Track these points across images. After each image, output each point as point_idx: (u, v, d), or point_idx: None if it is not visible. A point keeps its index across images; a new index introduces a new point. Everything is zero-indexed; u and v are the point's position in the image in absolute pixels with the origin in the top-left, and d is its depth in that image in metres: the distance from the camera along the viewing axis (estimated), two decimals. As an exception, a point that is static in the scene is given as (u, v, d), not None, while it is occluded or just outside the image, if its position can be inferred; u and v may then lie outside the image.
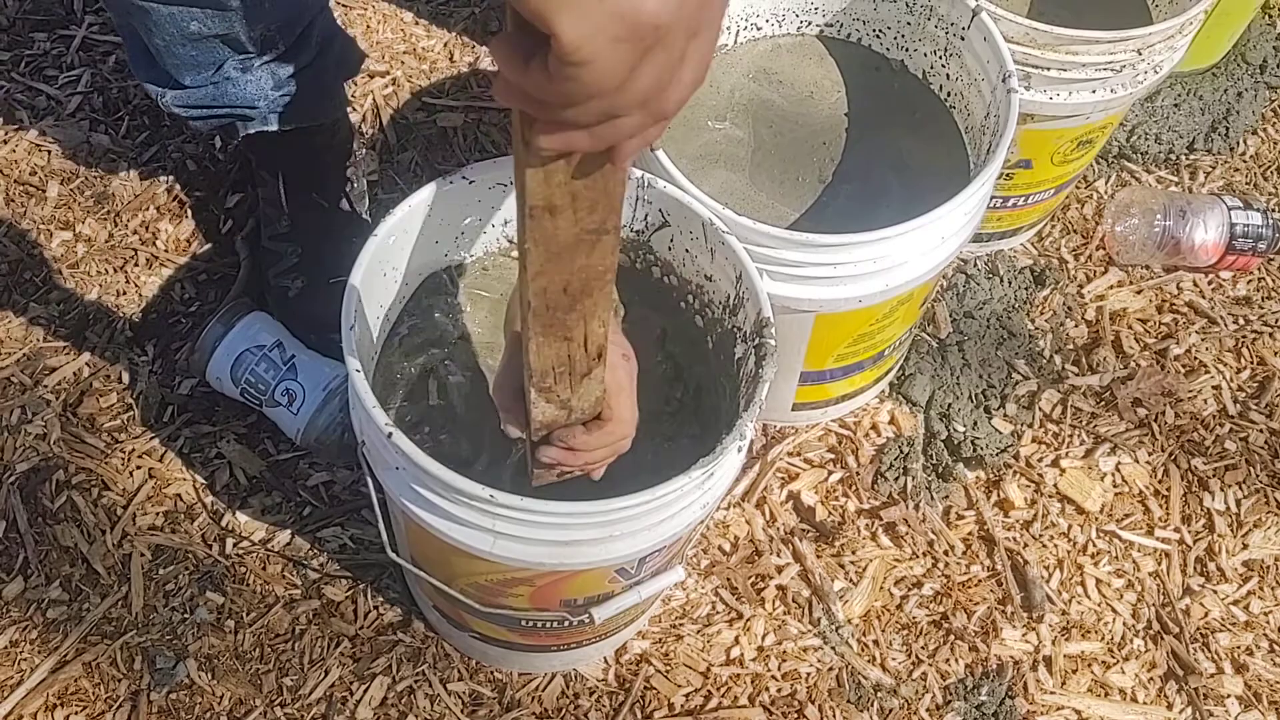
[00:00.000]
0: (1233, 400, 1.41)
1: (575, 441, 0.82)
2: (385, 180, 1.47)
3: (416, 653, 1.20)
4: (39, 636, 1.18)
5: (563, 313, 0.69)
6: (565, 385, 0.76)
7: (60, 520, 1.24)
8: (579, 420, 0.81)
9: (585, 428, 0.82)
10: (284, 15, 1.15)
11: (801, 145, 1.20)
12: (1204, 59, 1.61)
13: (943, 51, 1.20)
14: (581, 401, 0.79)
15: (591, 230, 0.63)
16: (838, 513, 1.30)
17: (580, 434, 0.82)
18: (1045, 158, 1.32)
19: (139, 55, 1.21)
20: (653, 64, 0.53)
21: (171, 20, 1.11)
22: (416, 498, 0.89)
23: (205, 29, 1.12)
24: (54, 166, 1.46)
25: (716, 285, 1.03)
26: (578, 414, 0.81)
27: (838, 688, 1.21)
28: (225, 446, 1.28)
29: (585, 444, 0.83)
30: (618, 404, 0.82)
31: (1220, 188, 1.58)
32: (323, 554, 1.24)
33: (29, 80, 1.53)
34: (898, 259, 1.04)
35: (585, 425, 0.82)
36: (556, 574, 0.93)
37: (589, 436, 0.82)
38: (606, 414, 0.82)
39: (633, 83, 0.54)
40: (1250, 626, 1.28)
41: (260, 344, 1.24)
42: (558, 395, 0.77)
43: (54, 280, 1.38)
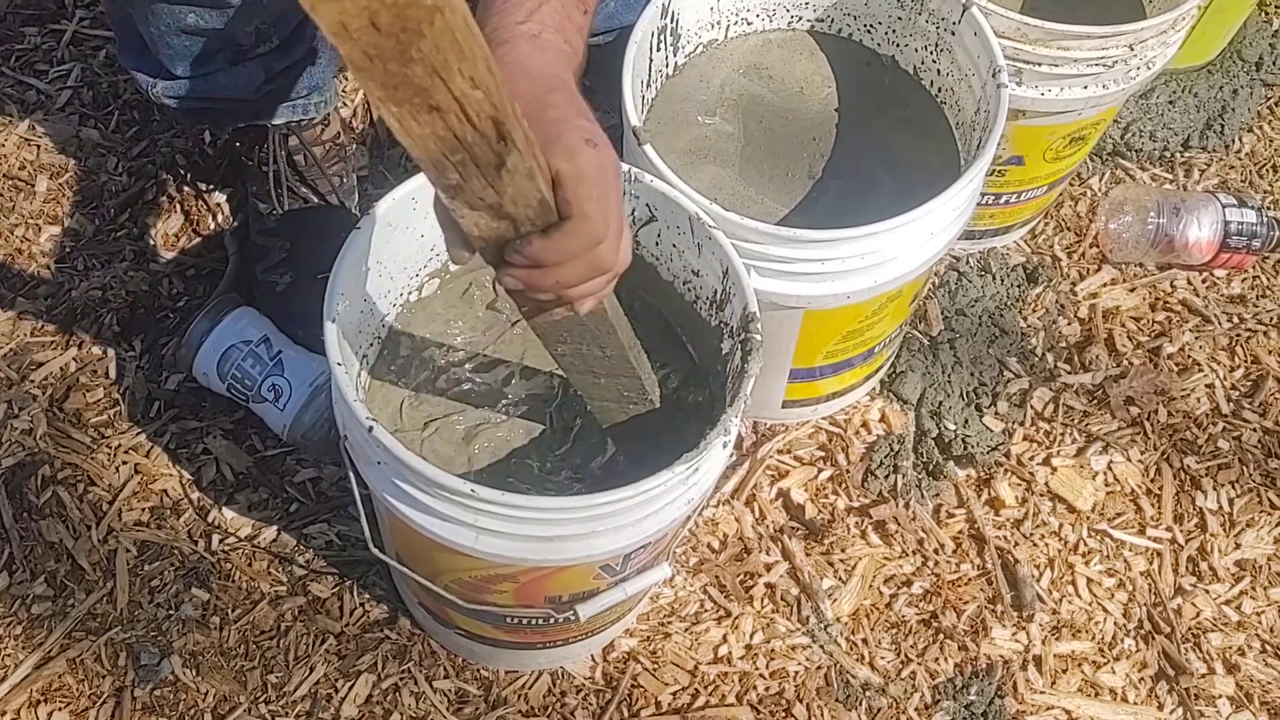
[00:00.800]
0: (1226, 399, 1.41)
1: (531, 252, 0.67)
2: (375, 175, 1.46)
3: (402, 650, 1.19)
4: (23, 632, 1.18)
5: (396, 64, 0.51)
6: (478, 181, 0.61)
7: (45, 516, 1.23)
8: (530, 228, 0.67)
9: (543, 233, 0.67)
10: (279, 10, 1.15)
11: (792, 140, 1.19)
12: (1200, 55, 1.60)
13: (933, 47, 1.19)
14: (519, 206, 0.64)
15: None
16: (827, 511, 1.30)
17: (536, 241, 0.67)
18: (1037, 154, 1.31)
19: (129, 44, 1.20)
20: None
21: (169, 13, 1.10)
22: (399, 493, 0.89)
23: (202, 23, 1.12)
24: (43, 161, 1.46)
25: (704, 280, 1.02)
26: (526, 223, 0.66)
27: (826, 686, 1.21)
28: (212, 442, 1.28)
29: (544, 254, 0.67)
30: (575, 195, 0.66)
31: (1215, 185, 1.58)
32: (309, 550, 1.23)
33: (19, 74, 1.52)
34: (886, 255, 1.04)
35: (543, 231, 0.67)
36: (540, 570, 0.93)
37: (547, 242, 0.67)
38: (564, 209, 0.66)
39: None
40: (1242, 626, 1.28)
41: (247, 339, 1.24)
42: (479, 197, 0.62)
43: (42, 275, 1.38)
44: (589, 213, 0.67)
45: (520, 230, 0.67)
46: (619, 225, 0.70)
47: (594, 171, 0.67)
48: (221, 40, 1.15)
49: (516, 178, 0.61)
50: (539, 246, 0.67)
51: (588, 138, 0.68)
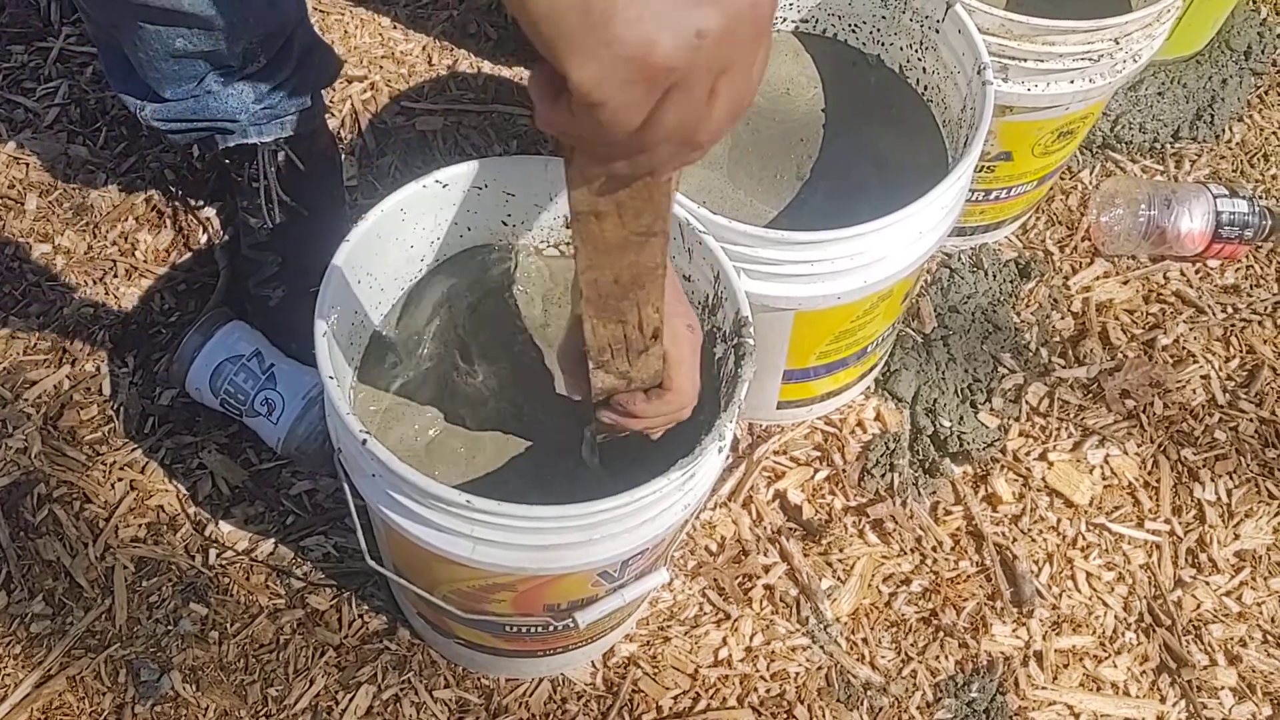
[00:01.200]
0: (1222, 390, 1.41)
1: (635, 409, 0.85)
2: (364, 186, 1.46)
3: (402, 661, 1.19)
4: (22, 651, 1.18)
5: (615, 300, 0.72)
6: (623, 360, 0.80)
7: (42, 534, 1.23)
8: (639, 388, 0.84)
9: (645, 395, 0.84)
10: (266, 30, 1.15)
11: (779, 142, 1.19)
12: (1188, 46, 1.60)
13: (918, 45, 1.19)
14: (640, 373, 0.82)
15: (639, 233, 0.65)
16: (824, 511, 1.30)
17: (640, 401, 0.84)
18: (1026, 149, 1.31)
19: (116, 67, 1.20)
20: (675, 105, 0.52)
21: (157, 37, 1.10)
22: (394, 504, 0.88)
23: (190, 46, 1.12)
24: (32, 179, 1.46)
25: (695, 285, 1.02)
26: (637, 383, 0.83)
27: (827, 687, 1.20)
28: (207, 457, 1.28)
29: (644, 411, 0.85)
30: (678, 375, 0.83)
31: (1206, 176, 1.58)
32: (306, 563, 1.23)
33: (6, 93, 1.52)
34: (876, 255, 1.03)
35: (646, 393, 0.84)
36: (538, 579, 0.93)
37: (648, 405, 0.84)
38: (667, 383, 0.84)
39: (656, 123, 0.53)
40: (1243, 617, 1.27)
41: (239, 354, 1.24)
42: (616, 368, 0.81)
43: (33, 293, 1.38)
44: (684, 388, 0.84)
45: (630, 386, 0.84)
46: (699, 389, 0.86)
47: (691, 354, 0.84)
48: (210, 62, 1.15)
49: (650, 359, 0.80)
50: (642, 407, 0.84)
51: (689, 324, 0.84)
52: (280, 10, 1.17)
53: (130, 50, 1.14)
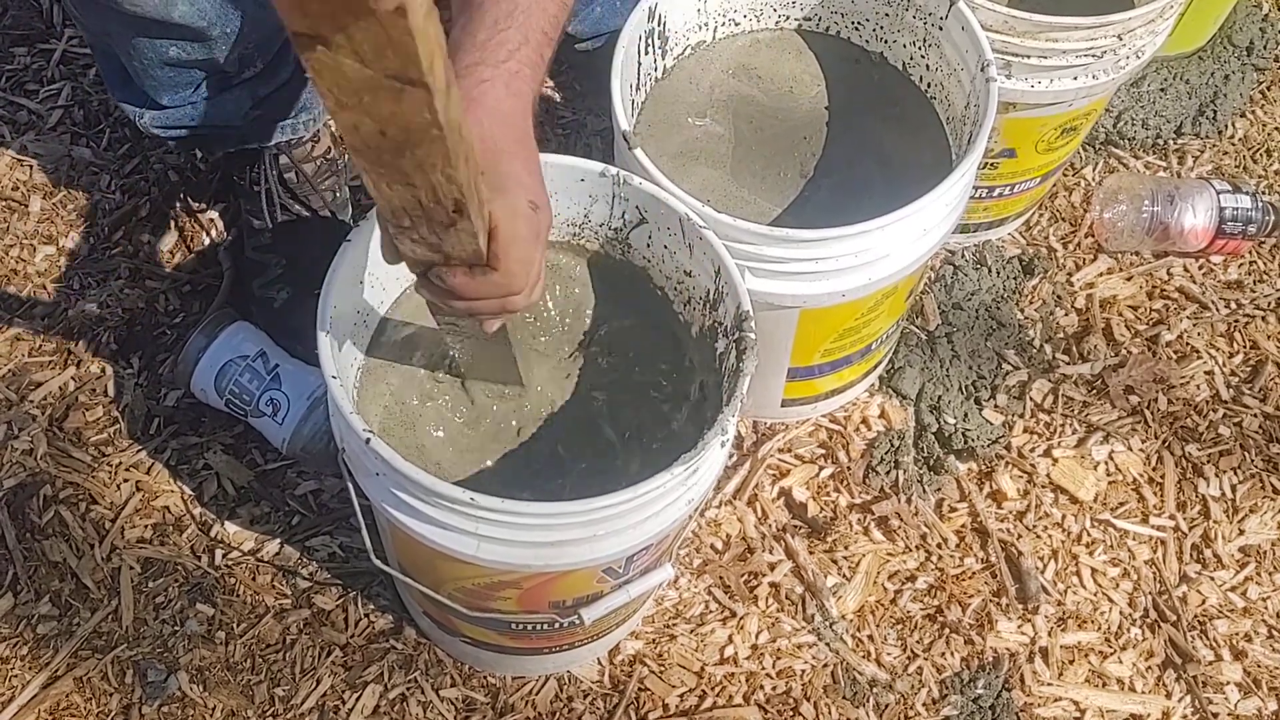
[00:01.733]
0: (1226, 385, 1.41)
1: (454, 282, 0.76)
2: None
3: (408, 660, 1.19)
4: (29, 653, 1.18)
5: (390, 157, 0.60)
6: (427, 230, 0.69)
7: (49, 535, 1.23)
8: (460, 263, 0.74)
9: (468, 271, 0.75)
10: (261, 35, 1.15)
11: (782, 140, 1.19)
12: (1190, 42, 1.60)
13: (921, 42, 1.19)
14: (456, 249, 0.72)
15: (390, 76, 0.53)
16: (829, 508, 1.30)
17: (460, 274, 0.75)
18: (1029, 146, 1.31)
19: (115, 75, 1.21)
20: None
21: (150, 46, 1.10)
22: (398, 503, 0.89)
23: (184, 54, 1.12)
24: (36, 181, 1.46)
25: (696, 281, 1.02)
26: (457, 258, 0.74)
27: (833, 684, 1.20)
28: (212, 457, 1.28)
29: (464, 288, 0.76)
30: (507, 253, 0.74)
31: (1209, 171, 1.57)
32: (312, 563, 1.23)
33: (9, 95, 1.52)
34: (880, 252, 1.03)
35: (469, 268, 0.75)
36: (543, 575, 0.93)
37: (470, 281, 0.75)
38: (494, 261, 0.75)
39: None
40: (1248, 612, 1.27)
41: (243, 354, 1.24)
42: (422, 237, 0.70)
43: (38, 295, 1.38)
44: (513, 270, 0.75)
45: (449, 261, 0.74)
46: (536, 277, 0.78)
47: (527, 233, 0.75)
48: (205, 69, 1.15)
49: (461, 234, 0.70)
50: (461, 282, 0.75)
51: (531, 199, 0.76)
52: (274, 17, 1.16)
53: (126, 59, 1.14)
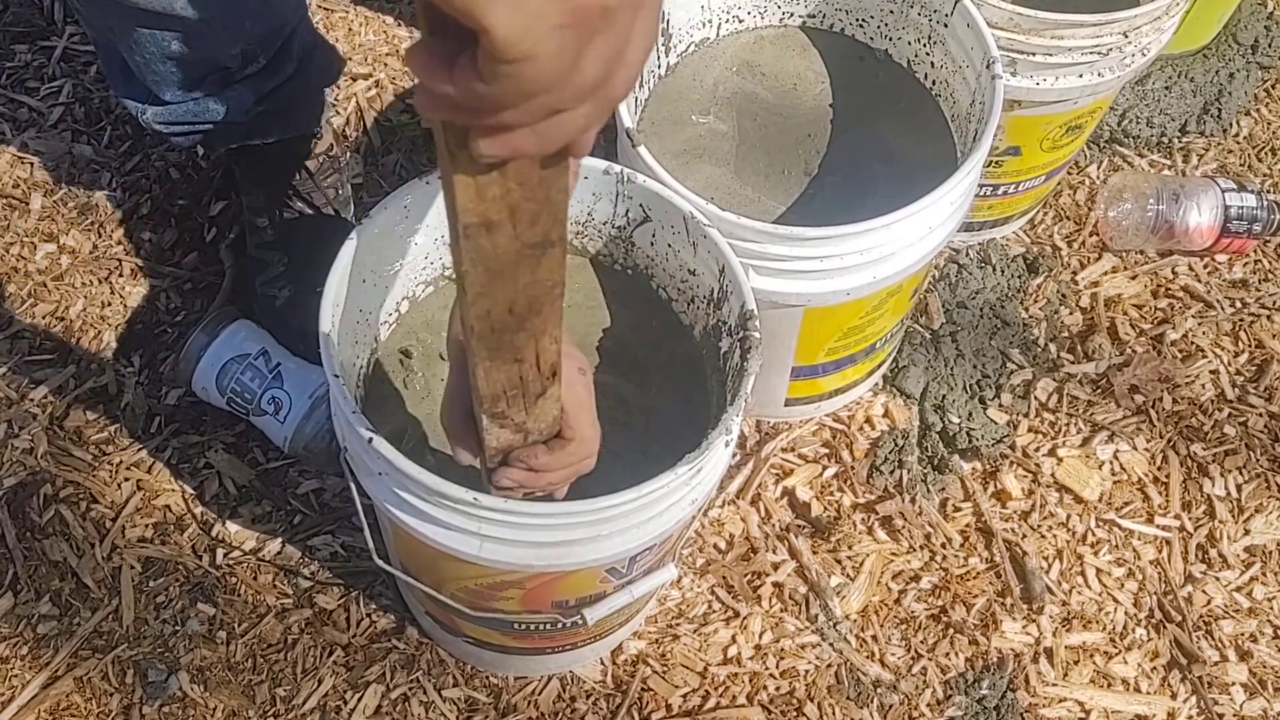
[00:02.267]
0: (1231, 384, 1.40)
1: (536, 463, 0.78)
2: (370, 184, 1.46)
3: (410, 660, 1.19)
4: (29, 652, 1.17)
5: (510, 334, 0.63)
6: (519, 408, 0.72)
7: (49, 534, 1.23)
8: (536, 440, 0.77)
9: (546, 447, 0.78)
10: (264, 30, 1.14)
11: (787, 138, 1.19)
12: (1194, 40, 1.60)
13: (926, 39, 1.18)
14: (538, 423, 0.75)
15: (534, 244, 0.57)
16: (833, 508, 1.29)
17: (542, 454, 0.77)
18: (1034, 144, 1.30)
19: (117, 72, 1.20)
20: (598, 49, 0.47)
21: (152, 40, 1.10)
22: (401, 503, 0.88)
23: (186, 49, 1.11)
24: (37, 178, 1.45)
25: (700, 279, 1.02)
26: (534, 435, 0.76)
27: (837, 685, 1.20)
28: (214, 456, 1.27)
29: (546, 465, 0.78)
30: (578, 421, 0.77)
31: (1214, 170, 1.57)
32: (314, 562, 1.23)
33: (10, 92, 1.52)
34: (885, 250, 1.03)
35: (546, 444, 0.78)
36: (546, 575, 0.92)
37: (550, 457, 0.78)
38: (567, 433, 0.77)
39: (578, 73, 0.47)
40: (1254, 613, 1.27)
41: (245, 352, 1.23)
42: (511, 419, 0.73)
43: (38, 293, 1.37)
44: (586, 435, 0.78)
45: (527, 439, 0.76)
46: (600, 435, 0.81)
47: (586, 398, 0.78)
48: (208, 65, 1.15)
49: (548, 403, 0.72)
50: (544, 460, 0.78)
51: (580, 367, 0.78)
52: (276, 12, 1.16)
53: (128, 54, 1.13)
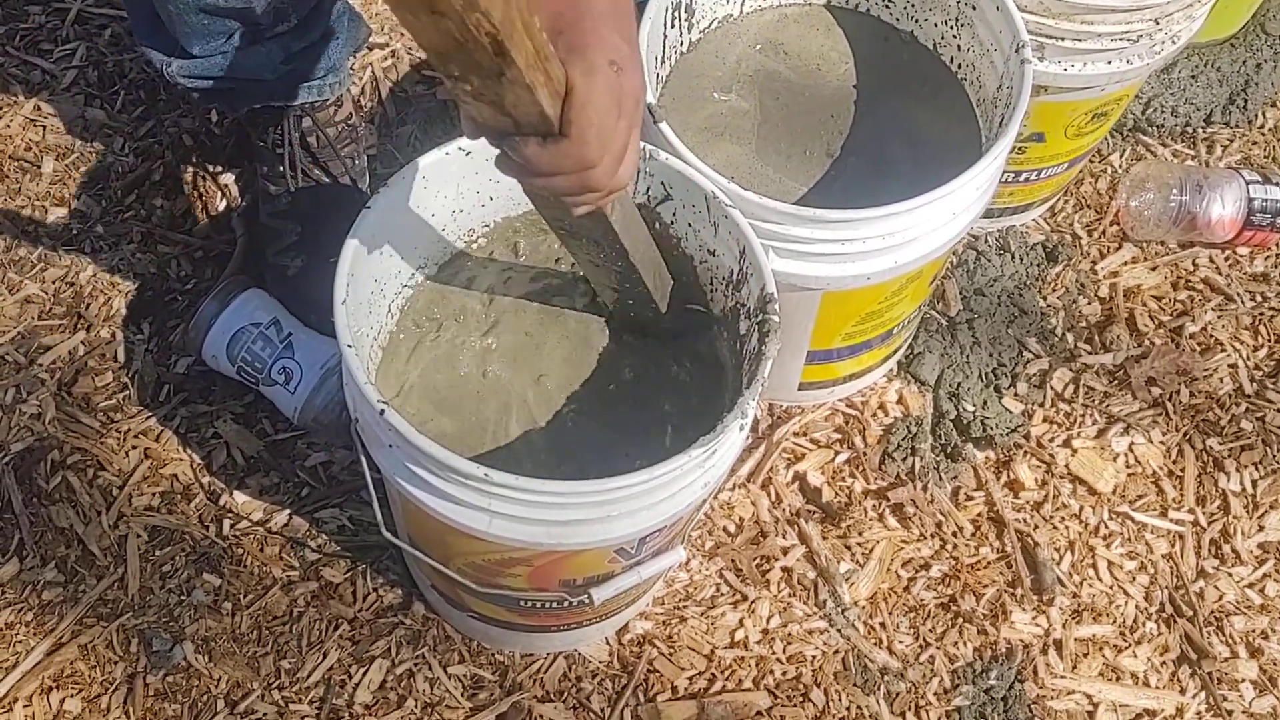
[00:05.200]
0: (1249, 379, 1.39)
1: (524, 153, 0.69)
2: (384, 155, 1.45)
3: (416, 635, 1.18)
4: (34, 619, 1.17)
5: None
6: (478, 80, 0.63)
7: (55, 501, 1.22)
8: (532, 131, 0.68)
9: (540, 141, 0.68)
10: None
11: (809, 118, 1.17)
12: (1222, 30, 1.58)
13: (954, 21, 1.16)
14: (519, 111, 0.65)
15: None
16: (844, 493, 1.28)
17: (531, 145, 0.68)
18: (1059, 131, 1.29)
19: (144, 21, 1.19)
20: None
21: None
22: (411, 476, 0.87)
23: (221, 2, 1.10)
24: (49, 142, 1.44)
25: (720, 260, 1.00)
26: (526, 126, 0.67)
27: (844, 671, 1.19)
28: (222, 426, 1.27)
29: (535, 158, 0.69)
30: (578, 121, 0.66)
31: (1238, 161, 1.55)
32: (321, 535, 1.22)
33: (23, 54, 1.50)
34: (908, 235, 1.02)
35: (542, 138, 0.68)
36: (554, 554, 0.92)
37: (540, 151, 0.68)
38: (565, 129, 0.67)
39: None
40: (1266, 610, 1.26)
41: (256, 321, 1.22)
42: (480, 91, 0.64)
43: (49, 257, 1.36)
44: (586, 138, 0.67)
45: (521, 130, 0.67)
46: (620, 151, 0.70)
47: (604, 96, 0.66)
48: (240, 19, 1.14)
49: (516, 88, 0.62)
50: (531, 153, 0.68)
51: (613, 59, 0.67)
52: None
53: (160, 4, 1.12)
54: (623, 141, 0.70)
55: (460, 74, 0.61)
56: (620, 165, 0.71)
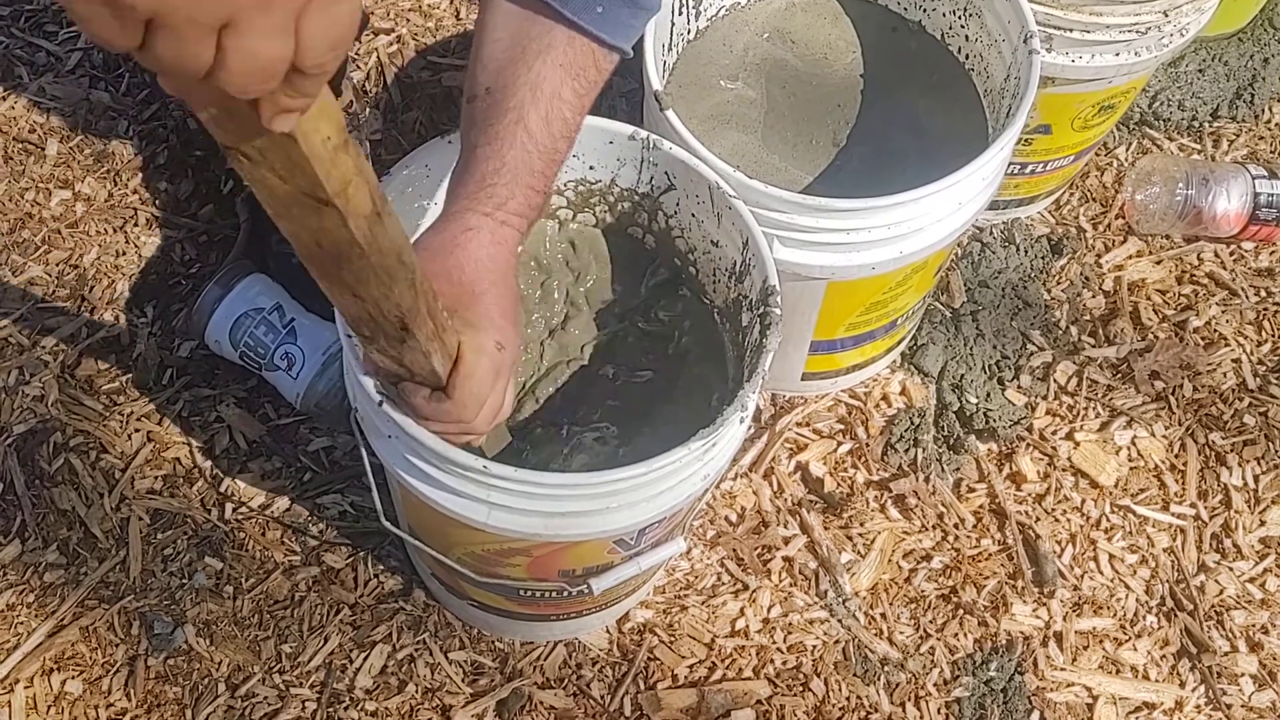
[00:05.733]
0: (1253, 374, 1.38)
1: (414, 402, 0.79)
2: (388, 141, 1.44)
3: (417, 621, 1.18)
4: (36, 600, 1.17)
5: (332, 267, 0.63)
6: (385, 341, 0.72)
7: (58, 483, 1.22)
8: (424, 383, 0.78)
9: (429, 395, 0.78)
10: None
11: (816, 107, 1.17)
12: (1231, 23, 1.57)
13: (962, 11, 1.16)
14: (415, 366, 0.75)
15: (306, 194, 0.56)
16: (846, 484, 1.28)
17: (419, 398, 0.78)
18: (1065, 123, 1.28)
19: None
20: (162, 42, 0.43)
21: None
22: (410, 467, 0.87)
23: None
24: (53, 124, 1.44)
25: (723, 251, 1.00)
26: (420, 377, 0.77)
27: (844, 661, 1.19)
28: (225, 410, 1.27)
29: (422, 410, 0.79)
30: (462, 389, 0.77)
31: (1244, 156, 1.54)
32: (323, 521, 1.22)
33: (28, 36, 1.50)
34: (913, 225, 1.01)
35: (429, 392, 0.78)
36: (553, 545, 0.92)
37: (425, 405, 0.79)
38: (450, 391, 0.78)
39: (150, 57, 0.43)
40: (1266, 604, 1.26)
41: (259, 307, 1.22)
42: (384, 349, 0.74)
43: (53, 240, 1.36)
44: (465, 402, 0.78)
45: (414, 379, 0.77)
46: (491, 412, 0.81)
47: (486, 371, 0.78)
48: None
49: (415, 354, 0.73)
50: (421, 404, 0.79)
51: (499, 340, 0.79)
52: None
53: None
54: (497, 401, 0.81)
55: (370, 336, 0.72)
56: (492, 419, 0.82)
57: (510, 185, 0.83)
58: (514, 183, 0.83)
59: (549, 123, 0.83)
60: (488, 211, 0.82)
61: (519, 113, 0.83)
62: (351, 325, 0.72)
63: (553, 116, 0.83)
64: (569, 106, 0.84)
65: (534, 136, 0.83)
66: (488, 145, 0.83)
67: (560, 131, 0.84)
